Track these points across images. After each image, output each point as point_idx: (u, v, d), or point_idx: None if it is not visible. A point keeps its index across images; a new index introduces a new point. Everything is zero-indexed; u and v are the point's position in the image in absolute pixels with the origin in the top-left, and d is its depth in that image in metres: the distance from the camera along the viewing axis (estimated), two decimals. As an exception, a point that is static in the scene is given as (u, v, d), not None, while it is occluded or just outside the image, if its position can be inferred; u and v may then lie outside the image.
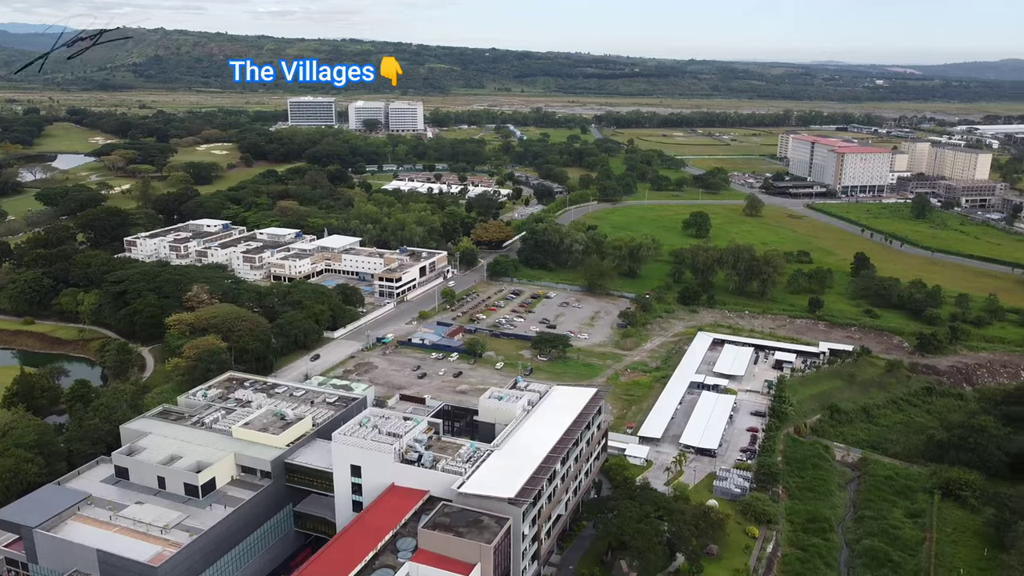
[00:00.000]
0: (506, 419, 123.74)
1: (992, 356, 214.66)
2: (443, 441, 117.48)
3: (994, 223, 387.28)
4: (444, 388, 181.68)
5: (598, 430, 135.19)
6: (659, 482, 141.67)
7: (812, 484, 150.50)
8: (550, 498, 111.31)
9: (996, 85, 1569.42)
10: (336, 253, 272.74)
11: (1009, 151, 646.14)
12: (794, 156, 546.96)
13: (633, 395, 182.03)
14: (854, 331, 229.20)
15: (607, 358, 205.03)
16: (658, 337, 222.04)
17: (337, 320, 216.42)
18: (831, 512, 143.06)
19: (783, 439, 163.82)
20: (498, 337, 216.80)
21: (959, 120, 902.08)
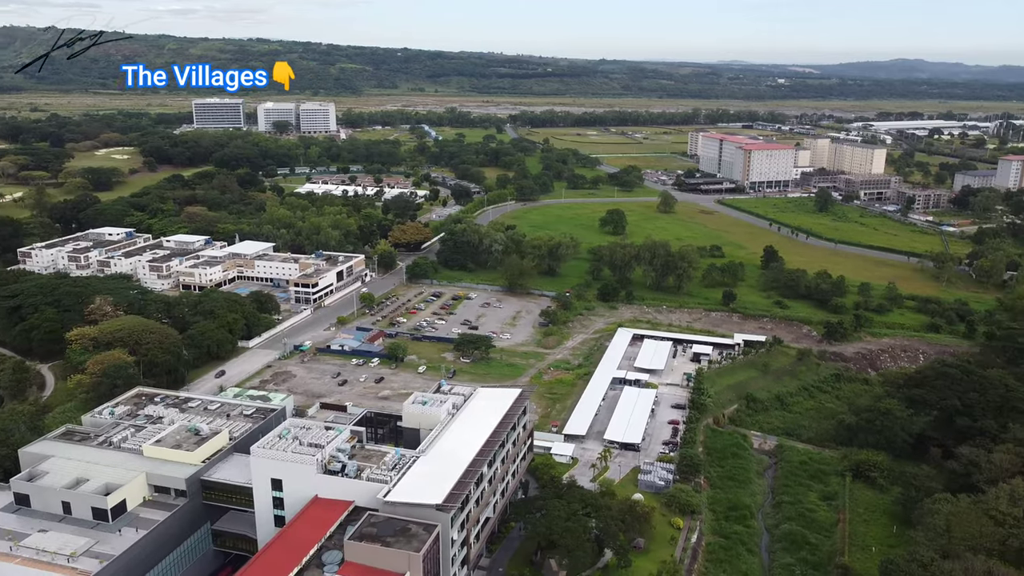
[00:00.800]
0: (431, 424, 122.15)
1: (893, 341, 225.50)
2: (367, 449, 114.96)
3: (890, 215, 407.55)
4: (366, 395, 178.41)
5: (524, 430, 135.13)
6: (585, 479, 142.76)
7: (732, 473, 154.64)
8: (478, 501, 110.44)
9: (887, 84, 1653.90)
10: (248, 260, 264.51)
11: (901, 146, 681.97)
12: (704, 153, 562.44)
13: (557, 393, 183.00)
14: (766, 322, 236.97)
15: (530, 357, 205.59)
16: (579, 334, 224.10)
17: (252, 329, 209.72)
18: (751, 499, 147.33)
19: (703, 430, 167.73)
20: (420, 340, 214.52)
21: (855, 117, 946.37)
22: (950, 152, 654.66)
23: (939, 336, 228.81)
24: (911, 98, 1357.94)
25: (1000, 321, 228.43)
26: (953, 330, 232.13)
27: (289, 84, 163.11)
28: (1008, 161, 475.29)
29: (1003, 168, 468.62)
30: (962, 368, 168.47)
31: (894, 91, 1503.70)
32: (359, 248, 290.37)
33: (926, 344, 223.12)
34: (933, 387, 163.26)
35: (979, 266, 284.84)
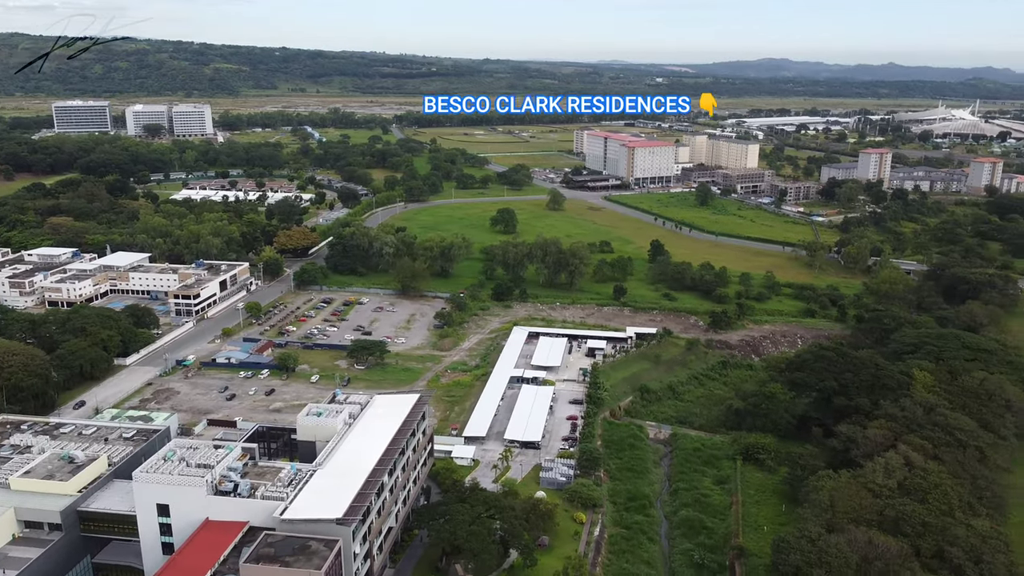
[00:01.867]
0: (327, 435, 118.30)
1: (774, 327, 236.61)
2: (260, 466, 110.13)
3: (765, 207, 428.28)
4: (256, 408, 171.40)
5: (423, 436, 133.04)
6: (487, 480, 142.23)
7: (630, 464, 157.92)
8: (380, 512, 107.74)
9: (756, 82, 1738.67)
10: (122, 272, 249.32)
11: (772, 141, 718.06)
12: (589, 151, 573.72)
13: (455, 395, 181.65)
14: (656, 314, 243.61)
15: (426, 360, 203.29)
16: (475, 335, 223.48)
17: (129, 345, 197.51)
18: (650, 489, 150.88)
19: (601, 424, 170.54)
20: (311, 349, 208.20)
21: (729, 114, 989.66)
22: (816, 146, 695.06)
23: (814, 321, 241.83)
24: (779, 96, 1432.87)
25: (867, 304, 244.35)
26: (827, 314, 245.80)
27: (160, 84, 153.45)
28: (868, 154, 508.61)
29: (863, 161, 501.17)
30: (837, 351, 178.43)
31: (763, 89, 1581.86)
32: (243, 256, 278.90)
33: (803, 329, 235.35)
34: (812, 370, 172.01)
35: (847, 253, 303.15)
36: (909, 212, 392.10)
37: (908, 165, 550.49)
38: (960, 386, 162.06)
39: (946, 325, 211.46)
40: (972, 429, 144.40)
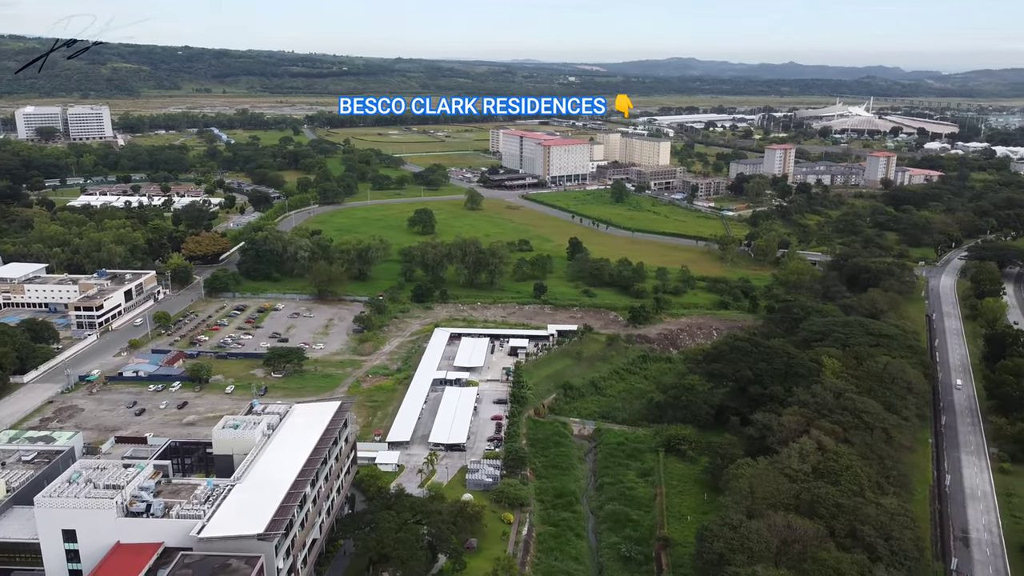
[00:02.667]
0: (245, 448, 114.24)
1: (690, 320, 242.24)
2: (175, 484, 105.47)
3: (678, 202, 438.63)
4: (168, 423, 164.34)
5: (346, 443, 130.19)
6: (413, 485, 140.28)
7: (556, 461, 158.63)
8: (303, 524, 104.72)
9: (666, 81, 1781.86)
10: (16, 284, 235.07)
11: (682, 138, 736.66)
12: (505, 150, 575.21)
13: (377, 400, 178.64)
14: (576, 311, 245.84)
15: (346, 366, 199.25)
16: (396, 338, 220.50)
17: (26, 362, 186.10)
18: (575, 485, 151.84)
19: (525, 423, 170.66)
20: (225, 359, 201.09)
21: (641, 112, 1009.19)
22: (724, 143, 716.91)
23: (728, 312, 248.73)
24: (687, 94, 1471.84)
25: (777, 295, 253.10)
26: (739, 306, 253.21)
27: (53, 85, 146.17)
28: (773, 150, 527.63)
29: (769, 156, 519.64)
30: (751, 341, 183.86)
31: (672, 88, 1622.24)
32: (148, 264, 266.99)
33: (718, 321, 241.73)
34: (728, 360, 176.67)
35: (756, 246, 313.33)
36: (813, 205, 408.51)
37: (810, 160, 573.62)
38: (865, 371, 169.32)
39: (850, 313, 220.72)
40: (878, 412, 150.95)
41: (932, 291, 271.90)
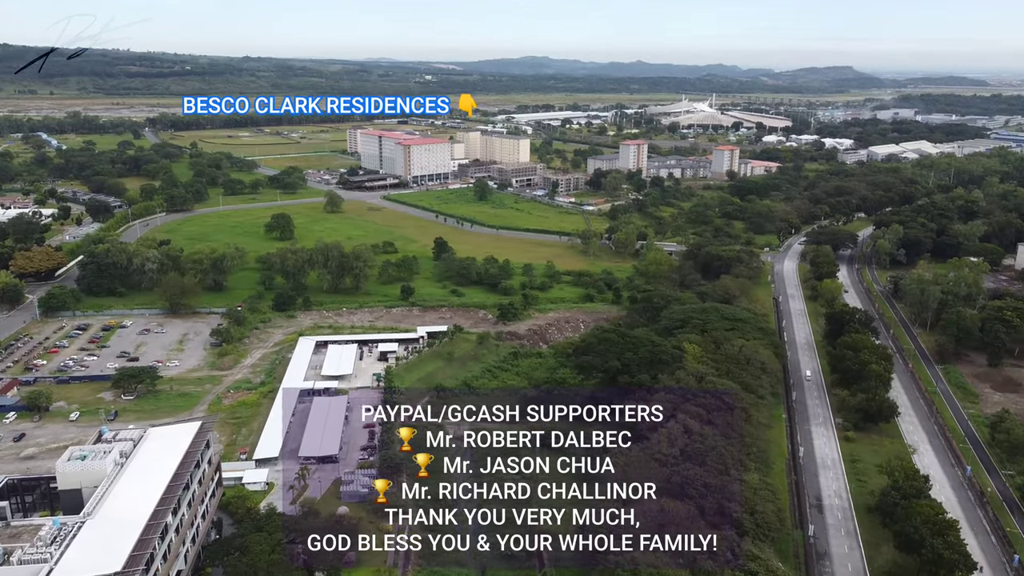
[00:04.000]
0: (95, 480, 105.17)
1: (558, 314, 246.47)
2: (14, 526, 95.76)
3: (540, 199, 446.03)
4: (3, 458, 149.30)
5: (209, 465, 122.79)
6: (285, 503, 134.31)
7: (432, 466, 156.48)
8: (166, 557, 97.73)
9: (521, 79, 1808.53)
10: None
11: (540, 135, 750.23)
12: (364, 150, 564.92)
13: (241, 416, 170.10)
14: (445, 311, 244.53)
15: (205, 383, 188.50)
16: (258, 350, 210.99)
17: None
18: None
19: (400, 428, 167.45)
20: (67, 383, 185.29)
21: (499, 110, 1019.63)
22: (580, 140, 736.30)
23: (594, 305, 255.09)
24: (542, 92, 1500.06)
25: (639, 286, 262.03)
26: (604, 298, 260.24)
27: None
28: (627, 146, 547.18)
29: (624, 152, 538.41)
30: (617, 332, 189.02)
31: (528, 86, 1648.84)
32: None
33: (585, 313, 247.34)
34: (596, 352, 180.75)
35: (616, 239, 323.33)
36: (666, 198, 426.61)
37: (661, 155, 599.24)
38: (723, 354, 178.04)
39: (706, 299, 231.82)
40: (737, 392, 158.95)
41: (777, 275, 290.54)
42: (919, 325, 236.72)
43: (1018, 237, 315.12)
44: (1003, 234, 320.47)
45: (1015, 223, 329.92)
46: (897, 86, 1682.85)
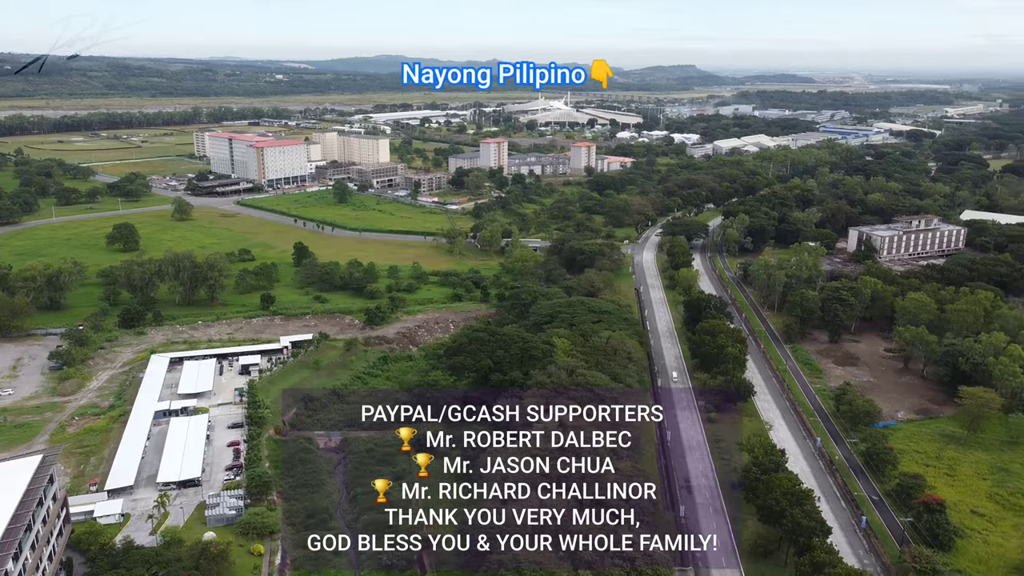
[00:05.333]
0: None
1: (427, 316, 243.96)
2: None
3: (402, 199, 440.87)
4: None
5: (54, 502, 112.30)
6: (144, 534, 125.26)
7: (304, 480, 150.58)
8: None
9: (377, 78, 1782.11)
10: None
11: (400, 135, 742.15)
12: (214, 154, 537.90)
13: (89, 445, 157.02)
14: (309, 319, 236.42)
15: (45, 410, 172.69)
16: (105, 371, 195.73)
17: None
18: (327, 501, 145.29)
19: (266, 444, 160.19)
20: None
21: (355, 110, 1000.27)
22: (440, 138, 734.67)
23: (462, 304, 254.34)
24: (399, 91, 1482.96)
25: (506, 283, 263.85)
26: (472, 297, 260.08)
27: None
28: (487, 144, 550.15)
29: (484, 150, 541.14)
30: (487, 330, 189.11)
31: (384, 84, 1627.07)
32: None
33: (454, 313, 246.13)
34: (468, 352, 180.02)
35: (482, 237, 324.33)
36: (528, 195, 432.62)
37: (521, 152, 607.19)
38: (592, 346, 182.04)
39: (572, 293, 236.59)
40: (607, 383, 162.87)
41: (637, 266, 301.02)
42: (767, 308, 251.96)
43: (848, 222, 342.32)
44: (835, 219, 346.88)
45: (845, 209, 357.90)
46: (736, 83, 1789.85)
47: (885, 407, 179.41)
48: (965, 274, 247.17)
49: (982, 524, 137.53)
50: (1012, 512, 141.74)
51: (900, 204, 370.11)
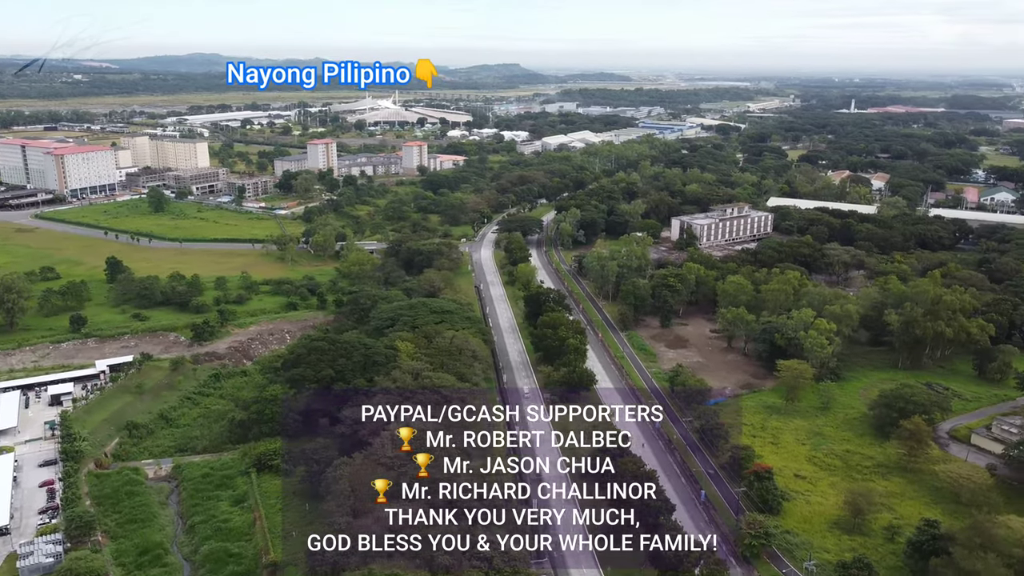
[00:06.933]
0: None
1: (260, 327, 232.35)
2: None
3: (226, 205, 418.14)
4: None
5: None
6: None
7: (132, 515, 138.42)
8: None
9: (190, 77, 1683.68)
10: None
11: (219, 138, 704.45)
12: (5, 163, 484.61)
13: None
14: (129, 339, 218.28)
15: None
16: None
17: None
18: (161, 534, 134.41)
19: (86, 480, 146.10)
20: None
21: (168, 112, 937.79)
22: (264, 141, 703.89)
23: (298, 313, 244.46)
24: (216, 91, 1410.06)
25: (343, 288, 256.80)
26: (308, 304, 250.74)
27: None
28: (315, 145, 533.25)
29: (312, 152, 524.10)
30: (326, 339, 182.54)
31: (199, 85, 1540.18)
32: None
33: (289, 323, 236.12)
34: (307, 363, 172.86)
35: (315, 242, 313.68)
36: (361, 196, 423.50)
37: (351, 153, 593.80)
38: (436, 347, 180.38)
39: (412, 295, 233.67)
40: (453, 383, 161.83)
41: (476, 264, 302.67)
42: (603, 297, 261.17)
43: (671, 212, 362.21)
44: (659, 210, 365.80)
45: (667, 200, 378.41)
46: (559, 81, 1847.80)
47: (715, 384, 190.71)
48: (775, 256, 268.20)
49: (804, 486, 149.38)
50: (828, 472, 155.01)
51: (715, 194, 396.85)
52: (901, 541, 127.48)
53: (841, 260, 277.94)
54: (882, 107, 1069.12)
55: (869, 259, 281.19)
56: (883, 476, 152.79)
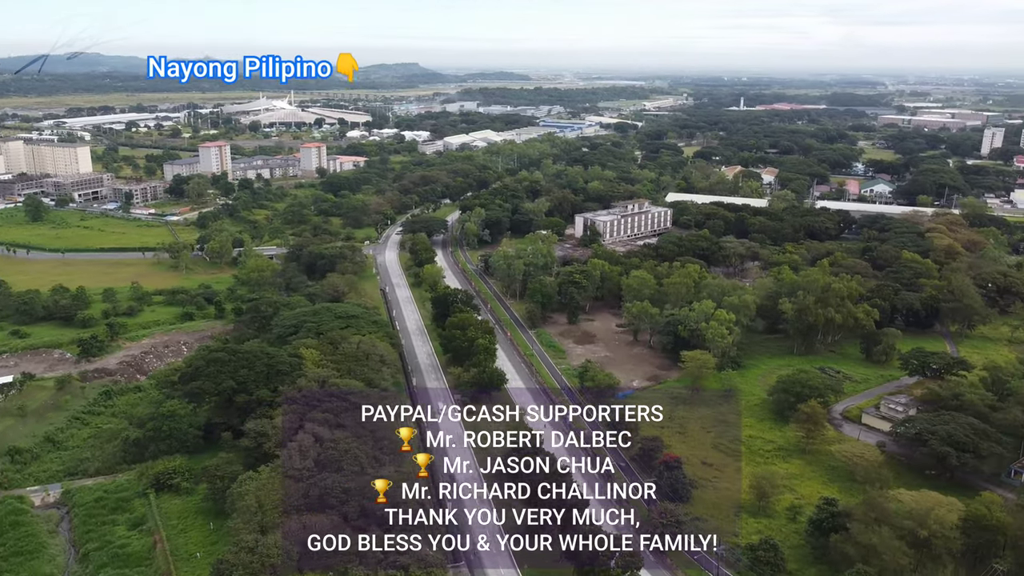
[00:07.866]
0: None
1: (154, 340, 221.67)
2: None
3: (112, 213, 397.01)
4: None
5: None
6: None
7: (17, 547, 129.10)
8: None
9: (69, 78, 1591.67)
10: None
11: (102, 142, 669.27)
12: None
13: None
14: (7, 358, 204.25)
15: None
16: None
17: None
18: (50, 566, 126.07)
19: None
20: None
21: (44, 115, 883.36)
22: (152, 144, 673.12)
23: (195, 323, 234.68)
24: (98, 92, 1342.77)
25: (242, 296, 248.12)
26: (205, 314, 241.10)
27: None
28: (207, 148, 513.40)
29: (204, 155, 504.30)
30: (226, 349, 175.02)
31: (79, 86, 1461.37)
32: None
33: (186, 335, 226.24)
34: (207, 375, 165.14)
35: (210, 249, 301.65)
36: (258, 200, 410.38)
37: (246, 155, 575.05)
38: (343, 353, 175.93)
39: (315, 300, 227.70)
40: (361, 389, 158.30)
41: (381, 266, 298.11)
42: (510, 296, 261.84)
43: (574, 209, 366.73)
44: (562, 208, 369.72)
45: (570, 198, 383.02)
46: (459, 81, 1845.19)
47: (623, 378, 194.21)
48: (675, 250, 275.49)
49: (711, 473, 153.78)
50: (732, 458, 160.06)
51: (616, 190, 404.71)
52: (803, 520, 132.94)
53: (737, 252, 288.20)
54: (769, 105, 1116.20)
55: (763, 251, 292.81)
56: (784, 459, 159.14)
